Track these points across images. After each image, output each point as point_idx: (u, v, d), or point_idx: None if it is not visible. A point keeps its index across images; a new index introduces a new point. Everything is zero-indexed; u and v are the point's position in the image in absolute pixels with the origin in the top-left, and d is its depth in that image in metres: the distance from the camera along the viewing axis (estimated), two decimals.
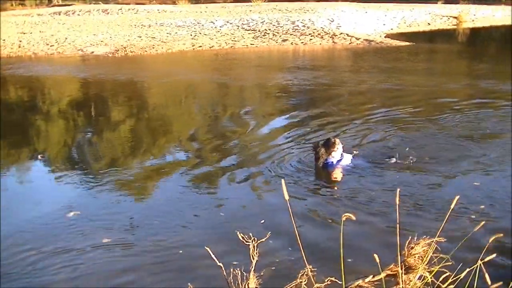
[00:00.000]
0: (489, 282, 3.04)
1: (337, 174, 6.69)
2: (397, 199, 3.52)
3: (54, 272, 4.41)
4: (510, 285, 3.40)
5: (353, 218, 3.21)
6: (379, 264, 3.43)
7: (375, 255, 3.38)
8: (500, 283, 3.13)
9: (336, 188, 6.40)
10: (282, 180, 3.29)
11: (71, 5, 45.26)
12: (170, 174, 7.09)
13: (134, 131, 9.78)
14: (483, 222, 3.55)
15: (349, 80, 13.78)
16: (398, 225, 3.67)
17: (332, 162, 6.66)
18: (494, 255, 3.26)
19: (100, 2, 46.02)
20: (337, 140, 6.76)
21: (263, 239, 3.66)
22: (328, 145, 6.67)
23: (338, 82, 13.59)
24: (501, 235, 3.60)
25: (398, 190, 3.58)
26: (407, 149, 7.27)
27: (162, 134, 9.42)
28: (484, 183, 6.10)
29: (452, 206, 3.68)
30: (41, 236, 5.07)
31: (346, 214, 3.23)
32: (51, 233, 5.14)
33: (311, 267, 3.66)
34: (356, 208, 5.43)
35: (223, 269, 3.59)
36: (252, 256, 3.60)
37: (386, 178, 6.43)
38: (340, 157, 6.70)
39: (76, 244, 4.87)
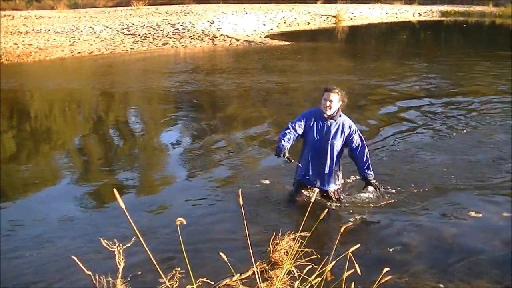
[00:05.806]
0: (359, 272, 3.22)
1: None
2: (240, 199, 3.56)
3: None
4: None
5: (184, 222, 3.20)
6: (228, 263, 3.46)
7: (222, 254, 3.42)
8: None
9: None
10: (115, 190, 3.15)
11: None
12: (54, 183, 6.92)
13: (16, 140, 9.32)
14: (326, 210, 3.75)
15: (228, 81, 13.88)
16: (245, 223, 3.71)
17: None
18: (359, 245, 3.47)
19: None
20: None
21: (129, 244, 3.57)
22: None
23: (217, 83, 13.67)
24: (351, 224, 3.81)
25: (240, 190, 3.62)
26: None
27: (45, 144, 9.06)
28: None
29: (312, 200, 3.82)
30: None
31: (179, 219, 3.21)
32: None
33: (179, 269, 3.66)
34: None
35: (92, 276, 3.53)
36: (118, 262, 3.53)
37: None
38: None
39: None
